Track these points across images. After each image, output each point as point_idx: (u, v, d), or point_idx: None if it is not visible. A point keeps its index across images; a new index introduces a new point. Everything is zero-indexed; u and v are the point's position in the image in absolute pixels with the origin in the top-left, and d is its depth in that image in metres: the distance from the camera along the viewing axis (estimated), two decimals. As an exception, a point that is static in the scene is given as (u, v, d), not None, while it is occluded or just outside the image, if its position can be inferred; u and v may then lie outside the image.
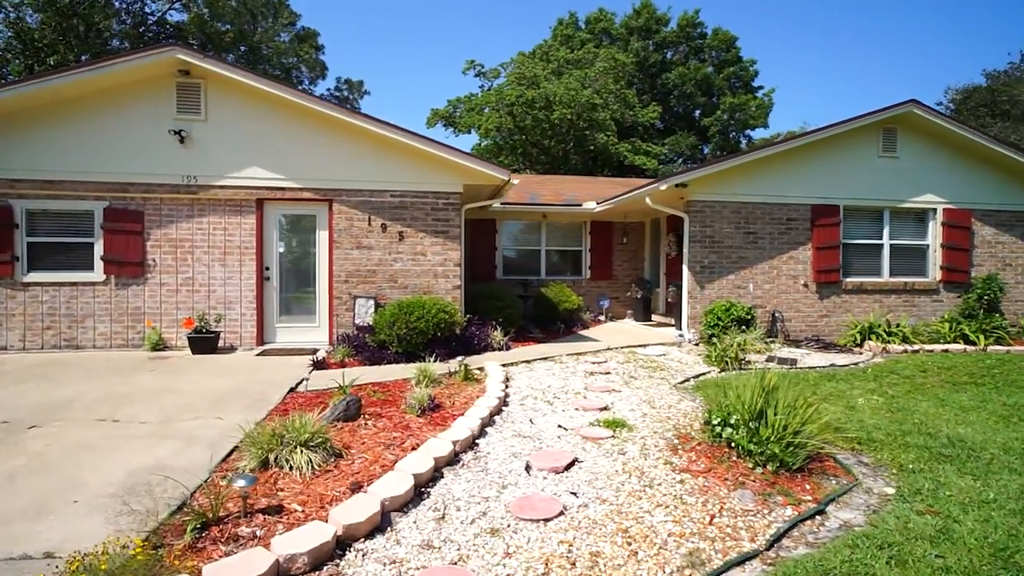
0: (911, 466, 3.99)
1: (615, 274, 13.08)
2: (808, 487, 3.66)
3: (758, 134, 29.30)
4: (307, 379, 6.28)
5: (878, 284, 10.08)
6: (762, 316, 9.60)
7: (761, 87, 29.27)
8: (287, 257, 8.67)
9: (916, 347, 8.99)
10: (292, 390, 5.87)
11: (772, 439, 3.92)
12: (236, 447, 3.96)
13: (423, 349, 7.55)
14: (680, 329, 9.86)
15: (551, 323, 11.00)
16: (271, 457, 3.57)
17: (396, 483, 3.28)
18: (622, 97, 22.63)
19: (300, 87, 24.61)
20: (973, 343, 9.26)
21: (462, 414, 4.95)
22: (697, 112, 28.86)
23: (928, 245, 10.38)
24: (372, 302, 8.34)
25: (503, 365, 7.35)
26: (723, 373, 7.30)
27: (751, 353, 8.10)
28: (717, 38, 29.12)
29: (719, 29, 29.16)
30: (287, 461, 3.54)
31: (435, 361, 7.37)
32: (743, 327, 8.78)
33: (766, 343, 8.68)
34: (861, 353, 8.78)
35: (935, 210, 10.30)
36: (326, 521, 2.89)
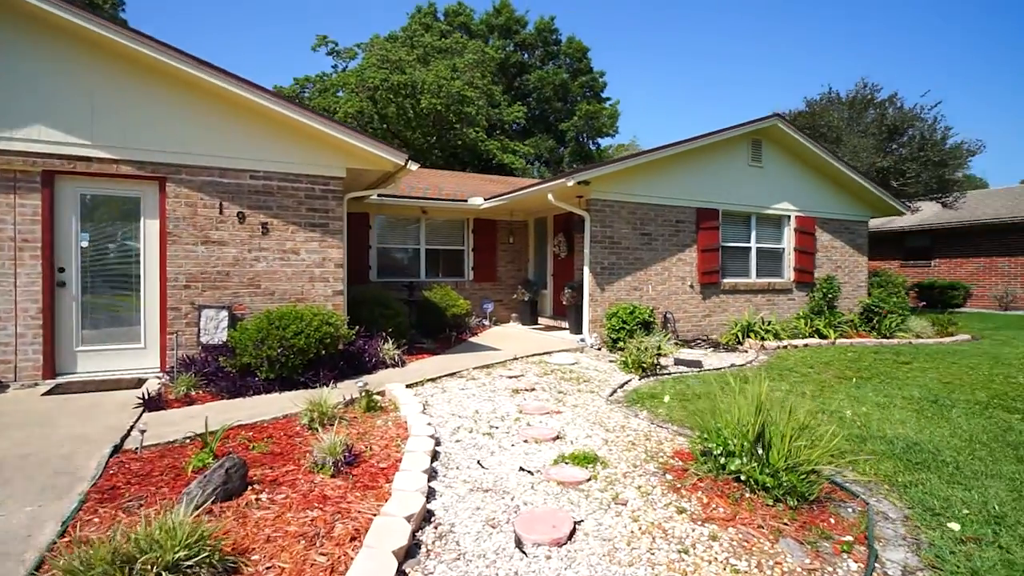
0: (898, 479, 3.78)
1: (499, 275, 12.35)
2: (833, 520, 3.19)
3: (606, 142, 31.10)
4: (139, 428, 4.41)
5: (749, 284, 10.75)
6: (656, 317, 9.58)
7: (609, 98, 31.12)
8: (94, 255, 6.34)
9: (785, 342, 9.66)
10: (117, 449, 4.03)
11: (784, 468, 3.40)
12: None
13: (302, 372, 5.98)
14: (581, 333, 9.43)
15: (439, 330, 9.88)
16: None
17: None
18: (489, 93, 22.08)
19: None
20: (825, 337, 10.27)
21: (394, 466, 3.71)
22: (555, 115, 29.62)
23: (784, 248, 11.36)
24: (225, 313, 6.45)
25: (408, 386, 6.11)
26: (643, 380, 6.92)
27: (662, 357, 7.89)
28: (571, 46, 30.23)
29: (573, 38, 30.31)
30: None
31: (320, 386, 5.87)
32: (646, 330, 8.60)
33: (673, 346, 8.60)
34: (746, 351, 9.16)
35: (789, 217, 11.31)
36: None
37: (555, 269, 11.67)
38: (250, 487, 3.32)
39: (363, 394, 5.25)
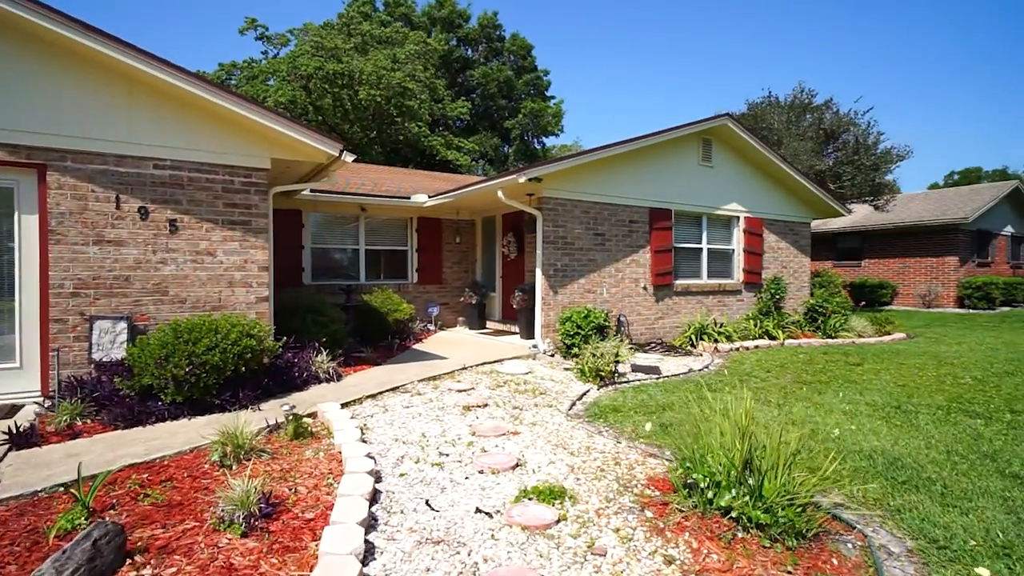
0: (889, 502, 3.48)
1: (445, 277, 11.68)
2: (836, 561, 2.81)
3: (551, 141, 30.93)
4: (-4, 475, 3.50)
5: (700, 286, 10.61)
6: (611, 321, 9.23)
7: (553, 97, 30.97)
8: (-47, 255, 5.22)
9: (737, 344, 9.56)
10: (-42, 507, 3.13)
11: (780, 501, 3.00)
12: None
13: (218, 393, 5.14)
14: (532, 339, 8.94)
15: (380, 337, 9.12)
16: None
17: None
18: (432, 87, 21.24)
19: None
20: (774, 338, 10.27)
21: (323, 515, 3.04)
22: (499, 113, 29.12)
23: (733, 249, 11.34)
24: (124, 326, 5.49)
25: (344, 405, 5.39)
26: (602, 390, 6.50)
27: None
28: (515, 43, 29.82)
29: (517, 35, 29.92)
30: None
31: (239, 409, 5.06)
32: (601, 335, 8.21)
33: (628, 350, 8.24)
34: (701, 354, 8.96)
35: (738, 218, 11.29)
36: None
37: (504, 271, 11.14)
38: (130, 560, 2.57)
39: (289, 418, 4.51)
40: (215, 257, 6.01)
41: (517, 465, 3.96)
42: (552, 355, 8.38)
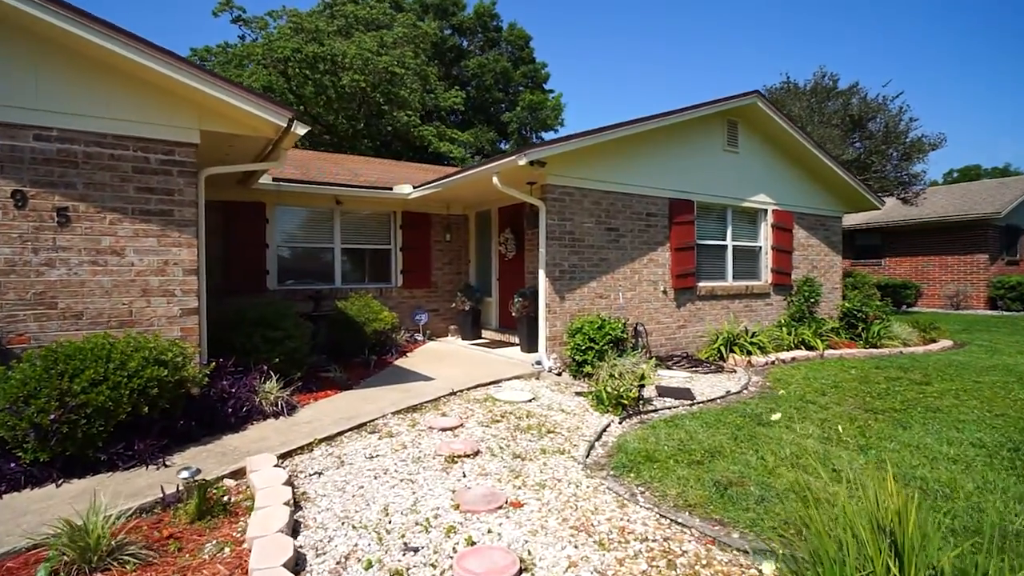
0: None
1: (434, 280, 10.30)
2: None
3: (550, 136, 29.53)
4: None
5: (725, 289, 9.27)
6: (628, 332, 7.87)
7: (552, 90, 29.61)
8: None
9: (772, 357, 8.23)
10: None
11: None
12: None
13: (107, 444, 3.76)
14: (535, 352, 7.58)
15: (356, 351, 7.76)
16: None
17: None
18: (423, 75, 19.81)
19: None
20: (812, 348, 8.94)
21: None
22: (496, 107, 27.73)
23: (760, 247, 10.00)
24: (-5, 348, 4.10)
25: (285, 457, 4.02)
26: (625, 424, 5.14)
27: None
28: (513, 33, 28.44)
29: (514, 24, 28.53)
30: None
31: (138, 465, 3.70)
32: (618, 348, 6.85)
33: (647, 366, 6.87)
34: (734, 370, 7.61)
35: (766, 211, 9.95)
36: None
37: (502, 272, 9.77)
38: None
39: (194, 490, 3.13)
40: (123, 257, 4.62)
41: (522, 572, 2.59)
42: (559, 373, 7.01)
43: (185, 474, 3.16)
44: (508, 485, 3.62)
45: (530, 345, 7.94)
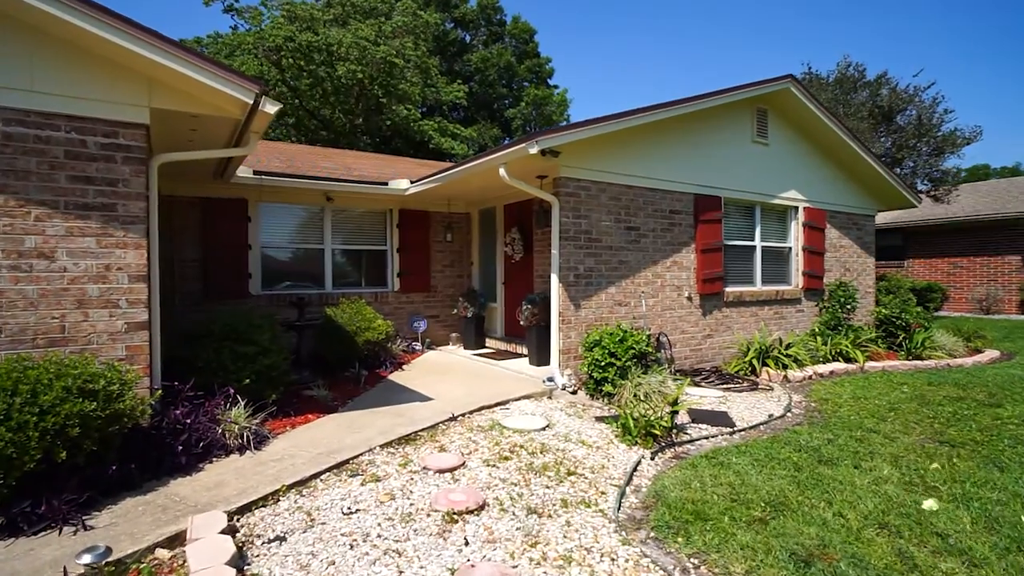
0: None
1: (434, 284, 9.47)
2: None
3: (555, 134, 28.62)
4: None
5: (754, 294, 8.42)
6: (651, 344, 7.03)
7: (556, 86, 28.77)
8: None
9: (809, 371, 7.38)
10: None
11: None
12: None
13: (13, 502, 2.94)
14: (546, 365, 6.77)
15: (345, 364, 6.95)
16: None
17: None
18: (424, 68, 18.94)
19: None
20: (851, 360, 8.08)
21: None
22: (499, 102, 26.88)
23: (790, 248, 9.14)
24: None
25: (240, 512, 3.21)
26: (658, 459, 4.31)
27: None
28: (517, 27, 27.59)
29: (518, 18, 27.69)
30: None
31: (50, 528, 2.88)
32: (642, 364, 6.00)
33: (673, 381, 6.03)
34: (770, 387, 6.75)
35: (797, 208, 9.09)
36: None
37: (508, 275, 8.94)
38: None
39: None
40: (53, 261, 3.80)
41: None
42: (574, 392, 6.18)
43: (88, 558, 2.35)
44: (524, 559, 2.79)
45: (540, 358, 7.11)
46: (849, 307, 9.10)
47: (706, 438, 4.81)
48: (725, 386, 6.71)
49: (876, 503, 3.47)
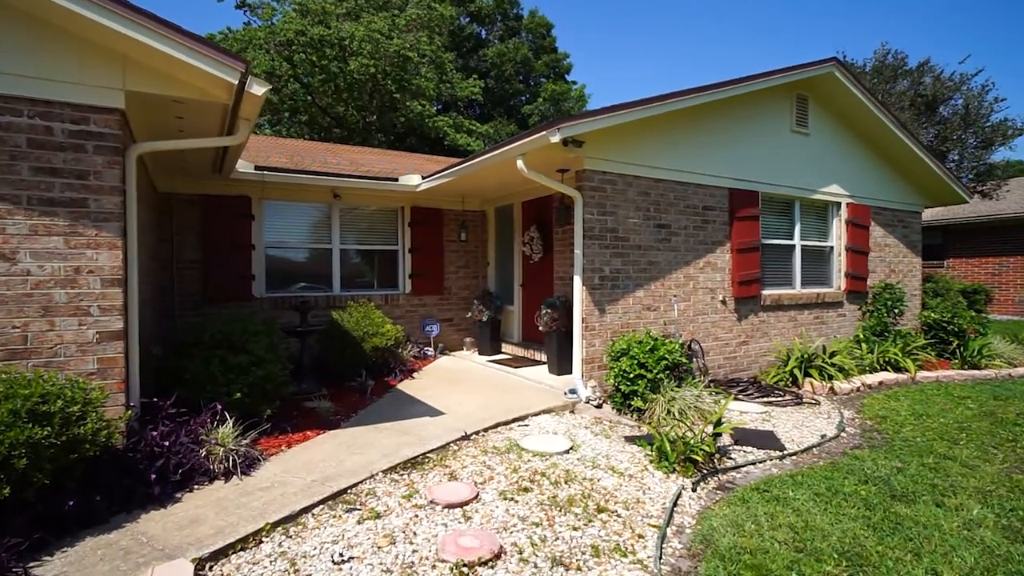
0: None
1: (448, 286, 8.97)
2: None
3: (573, 131, 27.97)
4: None
5: (793, 297, 7.75)
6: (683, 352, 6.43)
7: (575, 82, 28.11)
8: None
9: (856, 382, 6.73)
10: None
11: None
12: None
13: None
14: (567, 374, 6.23)
15: (352, 372, 6.48)
16: None
17: None
18: (439, 62, 18.48)
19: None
20: (901, 370, 7.39)
21: None
22: (516, 98, 26.32)
23: (832, 247, 8.44)
24: None
25: (213, 558, 2.72)
26: (700, 491, 3.73)
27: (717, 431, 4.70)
28: (534, 21, 27.01)
29: (535, 12, 27.08)
30: None
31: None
32: (675, 376, 5.42)
33: (710, 395, 5.42)
34: (816, 401, 6.11)
35: (839, 204, 8.40)
36: None
37: (526, 277, 8.40)
38: None
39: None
40: (14, 264, 3.37)
41: None
42: (599, 405, 5.61)
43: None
44: (548, 633, 2.25)
45: (560, 366, 6.57)
46: (897, 311, 8.38)
47: (753, 464, 4.22)
48: (766, 399, 6.09)
49: (975, 556, 2.86)
